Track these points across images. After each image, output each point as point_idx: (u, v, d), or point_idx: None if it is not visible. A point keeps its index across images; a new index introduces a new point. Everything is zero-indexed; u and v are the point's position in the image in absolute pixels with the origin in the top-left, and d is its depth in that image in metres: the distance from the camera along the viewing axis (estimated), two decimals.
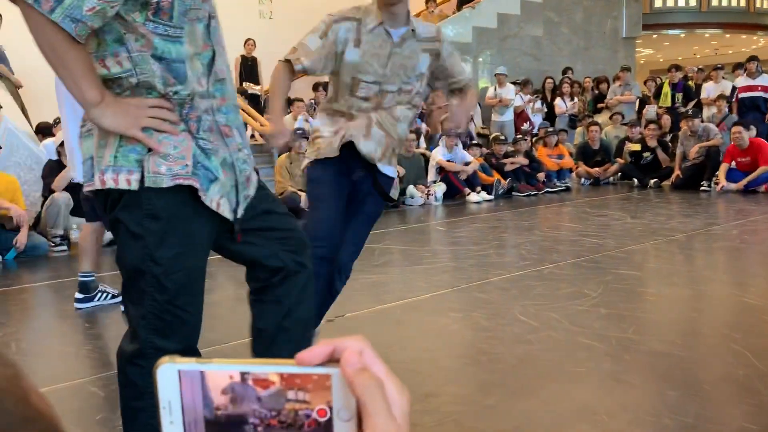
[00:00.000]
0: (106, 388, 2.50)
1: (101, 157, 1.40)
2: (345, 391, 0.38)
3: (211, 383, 0.38)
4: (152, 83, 1.37)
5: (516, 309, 3.36)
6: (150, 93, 1.38)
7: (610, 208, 7.01)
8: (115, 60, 1.35)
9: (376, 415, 0.37)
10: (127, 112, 1.35)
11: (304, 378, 0.38)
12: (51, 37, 1.27)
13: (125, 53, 1.35)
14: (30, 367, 2.82)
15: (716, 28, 18.08)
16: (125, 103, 1.37)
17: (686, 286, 3.72)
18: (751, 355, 2.60)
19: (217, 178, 1.46)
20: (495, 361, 2.65)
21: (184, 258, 1.46)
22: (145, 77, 1.36)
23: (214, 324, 3.31)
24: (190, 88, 1.41)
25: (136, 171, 1.38)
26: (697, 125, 8.60)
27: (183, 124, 1.41)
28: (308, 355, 0.39)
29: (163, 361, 0.38)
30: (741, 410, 2.15)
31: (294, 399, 0.38)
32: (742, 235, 5.22)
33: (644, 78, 12.10)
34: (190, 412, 0.38)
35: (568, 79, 11.62)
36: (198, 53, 1.43)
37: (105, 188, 1.40)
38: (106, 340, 3.17)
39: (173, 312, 1.47)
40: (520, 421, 2.12)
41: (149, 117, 1.36)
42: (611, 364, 2.57)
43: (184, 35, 1.39)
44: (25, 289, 4.31)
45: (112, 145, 1.38)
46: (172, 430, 0.38)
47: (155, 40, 1.35)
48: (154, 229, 1.40)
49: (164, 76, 1.37)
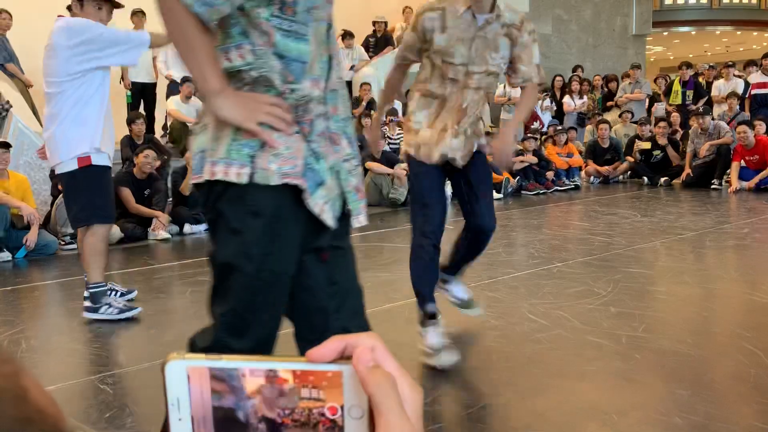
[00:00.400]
0: (115, 386, 2.51)
1: (214, 149, 1.38)
2: (357, 388, 0.37)
3: (221, 380, 0.38)
4: (271, 79, 1.36)
5: (525, 308, 3.35)
6: (268, 90, 1.38)
7: (620, 207, 6.97)
8: (238, 53, 1.35)
9: (389, 413, 0.36)
10: (246, 105, 1.35)
11: (318, 375, 0.38)
12: (182, 21, 1.29)
13: (249, 46, 1.35)
14: (39, 364, 2.84)
15: (727, 25, 17.95)
16: (245, 95, 1.37)
17: (697, 285, 3.69)
18: (762, 353, 2.58)
19: (324, 182, 1.43)
20: (505, 359, 2.64)
21: (277, 260, 1.41)
22: (265, 72, 1.36)
23: None
24: (307, 90, 1.40)
25: (247, 165, 1.36)
26: (707, 123, 8.54)
27: (296, 126, 1.40)
28: (320, 352, 0.38)
29: (171, 357, 0.38)
30: (752, 409, 2.13)
31: (308, 397, 0.38)
32: (753, 233, 5.18)
33: (654, 76, 12.02)
34: (198, 409, 0.38)
35: (578, 77, 11.56)
36: (319, 55, 1.42)
37: (213, 179, 1.37)
38: (116, 338, 3.18)
39: (255, 313, 1.43)
40: (531, 419, 2.11)
41: (266, 113, 1.35)
42: (621, 362, 2.56)
43: (309, 34, 1.38)
44: (36, 287, 4.33)
45: (226, 139, 1.37)
46: (181, 427, 0.38)
47: (277, 36, 1.34)
48: (254, 226, 1.38)
49: (283, 73, 1.37)
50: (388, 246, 5.16)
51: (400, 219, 6.63)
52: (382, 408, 0.36)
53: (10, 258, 5.18)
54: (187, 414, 0.38)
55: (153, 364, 2.71)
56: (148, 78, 8.68)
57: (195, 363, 0.38)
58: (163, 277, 4.42)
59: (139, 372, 2.67)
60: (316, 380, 0.38)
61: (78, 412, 2.31)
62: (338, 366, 0.38)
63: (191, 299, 3.76)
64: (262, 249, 1.39)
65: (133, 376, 2.63)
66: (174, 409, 0.38)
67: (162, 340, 3.08)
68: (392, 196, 7.49)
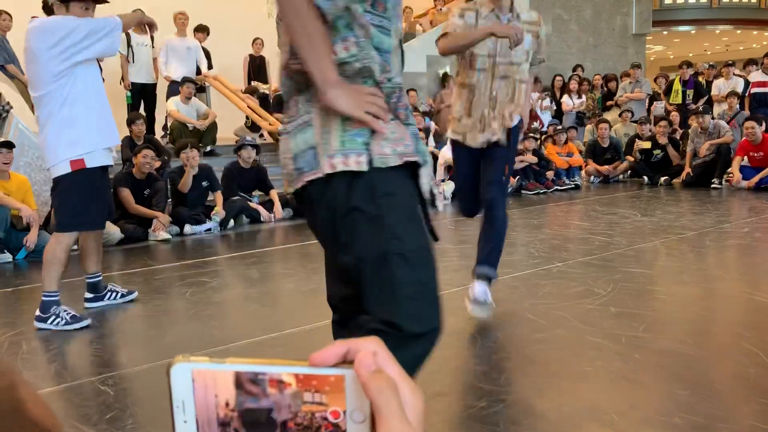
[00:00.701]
0: (116, 387, 2.52)
1: (327, 143, 1.40)
2: (359, 392, 0.38)
3: (224, 383, 0.38)
4: (372, 70, 1.41)
5: (525, 308, 3.35)
6: (366, 81, 1.42)
7: (620, 206, 6.97)
8: (344, 45, 1.40)
9: (390, 417, 0.36)
10: (354, 96, 1.39)
11: (321, 379, 0.38)
12: (305, 16, 1.34)
13: (353, 39, 1.40)
14: (40, 366, 2.84)
15: (727, 24, 17.93)
16: (351, 87, 1.40)
17: (697, 285, 3.69)
18: (762, 353, 2.58)
19: (426, 161, 1.49)
20: (504, 360, 2.64)
21: (420, 233, 1.43)
22: (367, 63, 1.41)
23: (222, 323, 3.32)
24: (398, 79, 1.48)
25: (364, 153, 1.39)
26: (707, 122, 8.54)
27: (392, 114, 1.46)
28: (322, 356, 0.38)
29: (177, 360, 0.38)
30: (752, 409, 2.13)
31: (311, 401, 0.38)
32: (753, 232, 5.18)
33: (655, 75, 12.01)
34: (203, 412, 0.38)
35: (577, 76, 11.56)
36: (397, 48, 1.49)
37: (336, 171, 1.38)
38: (116, 339, 3.19)
39: (425, 289, 1.40)
40: (531, 420, 2.11)
41: (370, 102, 1.40)
42: (621, 363, 2.56)
43: (392, 29, 1.45)
44: (36, 288, 4.34)
45: (337, 132, 1.40)
46: (186, 430, 0.38)
47: (373, 30, 1.41)
48: (392, 205, 1.39)
49: (382, 64, 1.43)
50: None
51: None
52: (383, 412, 0.37)
53: (11, 259, 5.19)
54: (192, 416, 0.38)
55: (153, 365, 2.72)
56: (148, 78, 8.67)
57: (200, 366, 0.38)
58: (164, 278, 4.42)
59: (140, 373, 2.68)
60: (318, 384, 0.38)
61: (78, 413, 2.31)
62: (341, 370, 0.38)
63: (191, 300, 3.76)
64: (407, 226, 1.40)
65: (134, 377, 2.63)
66: (179, 411, 0.38)
67: (162, 341, 3.08)
68: None
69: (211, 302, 3.69)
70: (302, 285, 4.02)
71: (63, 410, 2.36)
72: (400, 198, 1.41)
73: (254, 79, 9.96)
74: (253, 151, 6.87)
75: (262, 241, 5.77)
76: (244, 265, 4.69)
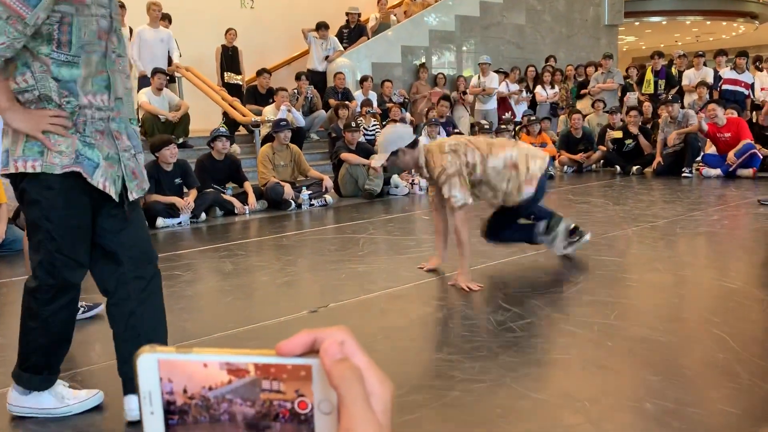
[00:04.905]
0: (85, 383, 2.48)
1: (14, 149, 1.94)
2: (326, 382, 0.37)
3: (187, 373, 0.38)
4: (49, 96, 1.89)
5: (499, 297, 3.36)
6: (48, 104, 1.90)
7: (593, 195, 7.04)
8: (22, 78, 1.88)
9: (353, 405, 0.36)
10: (31, 118, 1.88)
11: (278, 367, 0.37)
12: None
13: (30, 73, 1.88)
14: (8, 362, 2.78)
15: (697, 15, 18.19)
16: (30, 111, 1.89)
17: (668, 272, 3.74)
18: (730, 339, 2.63)
19: (99, 165, 1.97)
20: (478, 348, 2.65)
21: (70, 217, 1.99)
22: (44, 91, 1.89)
23: (195, 316, 3.28)
24: (79, 101, 1.92)
25: (39, 159, 1.92)
26: (676, 111, 8.64)
27: (73, 128, 1.93)
28: (288, 346, 0.38)
29: (143, 350, 0.38)
30: (721, 394, 2.16)
31: (269, 389, 0.37)
32: (722, 220, 5.26)
33: (627, 65, 12.13)
34: (168, 402, 0.38)
35: (550, 67, 11.63)
36: (92, 76, 1.93)
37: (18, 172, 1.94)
38: (85, 334, 3.14)
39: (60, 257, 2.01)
40: (504, 408, 2.13)
41: (49, 123, 1.89)
42: (593, 350, 2.59)
43: (80, 62, 1.90)
44: (4, 283, 4.26)
45: (21, 142, 1.93)
46: (152, 421, 0.38)
47: (53, 66, 1.87)
48: (48, 195, 1.94)
49: (60, 91, 1.90)
50: (364, 237, 5.16)
51: (375, 210, 6.62)
52: (345, 400, 0.36)
53: None
54: (159, 407, 0.38)
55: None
56: None
57: (166, 356, 0.38)
58: None
59: (108, 369, 2.63)
60: (277, 372, 0.37)
61: None
62: (307, 360, 0.38)
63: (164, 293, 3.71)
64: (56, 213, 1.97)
65: (103, 372, 2.59)
66: (146, 402, 0.38)
67: None
68: (368, 187, 7.47)
69: (183, 295, 3.65)
70: (276, 277, 4.00)
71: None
72: (58, 191, 1.95)
73: (227, 70, 9.85)
74: (227, 142, 6.80)
75: (236, 234, 5.72)
76: (218, 257, 4.65)
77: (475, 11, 12.11)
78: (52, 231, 1.96)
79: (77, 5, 1.87)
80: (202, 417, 0.38)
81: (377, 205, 7.03)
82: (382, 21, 11.48)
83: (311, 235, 5.47)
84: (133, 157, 2.09)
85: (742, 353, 2.48)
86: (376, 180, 7.46)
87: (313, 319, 3.14)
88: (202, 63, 9.81)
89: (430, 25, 11.68)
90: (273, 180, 6.92)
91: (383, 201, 7.38)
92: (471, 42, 12.22)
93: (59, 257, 2.00)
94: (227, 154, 6.87)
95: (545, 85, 11.33)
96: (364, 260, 4.33)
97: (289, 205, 6.89)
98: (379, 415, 0.37)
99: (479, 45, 12.21)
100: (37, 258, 2.01)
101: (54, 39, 1.85)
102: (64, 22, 1.86)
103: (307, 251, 4.77)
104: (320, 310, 3.27)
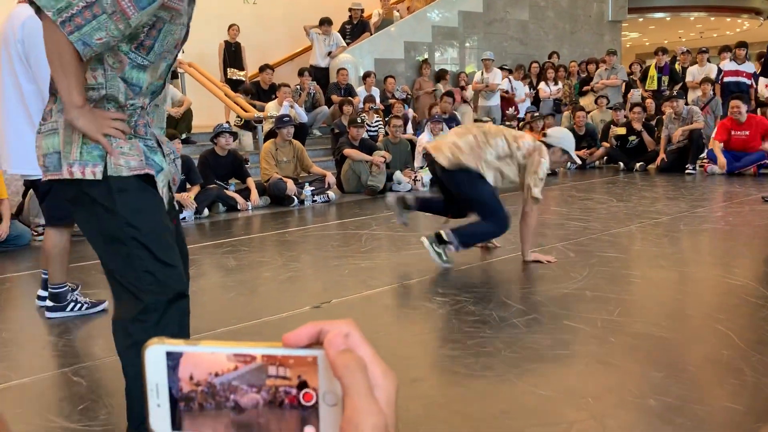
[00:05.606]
0: (89, 378, 2.48)
1: (69, 152, 1.71)
2: (331, 374, 0.37)
3: (194, 359, 0.38)
4: (116, 96, 1.74)
5: (502, 293, 3.36)
6: (110, 104, 1.74)
7: (596, 192, 7.03)
8: (93, 75, 1.72)
9: (357, 396, 0.36)
10: (95, 119, 1.68)
11: (285, 357, 0.38)
12: (63, 50, 1.62)
13: (101, 71, 1.72)
14: (12, 357, 2.79)
15: (701, 11, 18.12)
16: (95, 111, 1.70)
17: (671, 268, 3.73)
18: (734, 335, 2.62)
19: (162, 169, 1.83)
20: (481, 344, 2.65)
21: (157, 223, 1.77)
22: (111, 91, 1.73)
23: (198, 311, 3.28)
24: (141, 103, 1.79)
25: (100, 164, 1.71)
26: (681, 107, 8.61)
27: (132, 131, 1.77)
28: (294, 337, 0.38)
29: (151, 342, 0.38)
30: (725, 390, 2.16)
31: (275, 375, 0.38)
32: (726, 217, 5.25)
33: (630, 61, 12.09)
34: (176, 394, 0.38)
35: (553, 63, 11.61)
36: (154, 81, 1.81)
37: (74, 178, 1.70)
38: (88, 330, 3.14)
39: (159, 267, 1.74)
40: (507, 404, 2.12)
41: (111, 127, 1.70)
42: (597, 346, 2.58)
43: (151, 67, 1.78)
44: (8, 278, 4.26)
45: (77, 144, 1.71)
46: (159, 413, 0.38)
47: (128, 66, 1.73)
48: (124, 200, 1.72)
49: (126, 93, 1.75)
50: (366, 233, 5.16)
51: (378, 206, 6.61)
52: (349, 391, 0.36)
53: None
54: (165, 399, 0.38)
55: None
56: None
57: (174, 348, 0.38)
58: None
59: (113, 363, 2.63)
60: (282, 358, 0.38)
61: (51, 404, 2.28)
62: (313, 351, 0.38)
63: None
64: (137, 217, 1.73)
65: (107, 367, 2.59)
66: (153, 394, 0.38)
67: None
68: (371, 183, 7.46)
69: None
70: (279, 273, 4.00)
71: (35, 401, 2.32)
72: (133, 193, 1.73)
73: (230, 66, 9.84)
74: (231, 138, 6.80)
75: (239, 229, 5.72)
76: (220, 253, 4.65)
77: (479, 7, 12.08)
78: (139, 237, 1.70)
79: (173, 12, 1.75)
80: (208, 404, 0.38)
81: (380, 201, 7.02)
82: (385, 17, 11.45)
83: (314, 231, 5.47)
84: (173, 162, 1.97)
85: (746, 350, 2.47)
86: (379, 176, 7.46)
87: (315, 315, 3.14)
88: (205, 59, 9.81)
89: (433, 21, 11.65)
90: (276, 176, 6.92)
91: (385, 197, 7.37)
92: (474, 38, 12.20)
93: (157, 265, 1.72)
94: (230, 150, 6.87)
95: (548, 81, 11.30)
96: (366, 256, 4.33)
97: (291, 201, 6.88)
98: (384, 406, 0.36)
99: (482, 41, 12.18)
100: (130, 276, 1.71)
101: (137, 40, 1.73)
102: (155, 27, 1.75)
103: (309, 247, 4.77)
104: (323, 305, 3.27)
